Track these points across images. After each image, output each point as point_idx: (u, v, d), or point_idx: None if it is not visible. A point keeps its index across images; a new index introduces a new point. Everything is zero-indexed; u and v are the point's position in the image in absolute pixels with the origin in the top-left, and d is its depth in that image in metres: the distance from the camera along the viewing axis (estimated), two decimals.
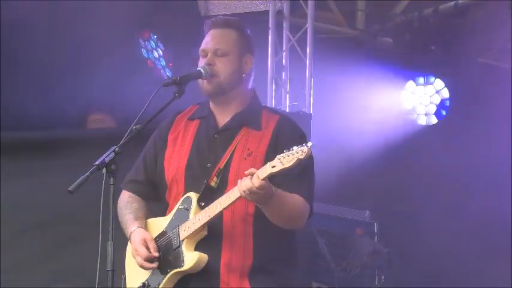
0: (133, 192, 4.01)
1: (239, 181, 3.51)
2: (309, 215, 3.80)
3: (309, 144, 3.41)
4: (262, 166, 3.52)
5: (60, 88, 7.56)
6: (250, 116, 3.88)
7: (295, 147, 3.41)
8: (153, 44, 8.59)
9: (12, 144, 6.48)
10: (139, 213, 3.94)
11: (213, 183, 3.73)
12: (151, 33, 8.53)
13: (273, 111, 4.08)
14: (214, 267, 3.70)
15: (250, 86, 3.98)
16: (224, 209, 3.61)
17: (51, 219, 6.40)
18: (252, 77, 3.99)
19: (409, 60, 9.06)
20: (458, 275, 8.42)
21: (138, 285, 3.82)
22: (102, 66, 7.56)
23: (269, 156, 3.66)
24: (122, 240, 3.74)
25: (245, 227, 3.73)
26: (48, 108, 7.49)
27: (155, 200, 3.99)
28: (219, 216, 3.68)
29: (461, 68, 8.90)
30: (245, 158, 3.72)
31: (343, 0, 8.75)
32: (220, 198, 3.62)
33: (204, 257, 3.69)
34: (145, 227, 3.89)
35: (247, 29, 4.01)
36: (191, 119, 3.99)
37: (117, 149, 3.50)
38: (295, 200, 3.70)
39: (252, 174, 3.47)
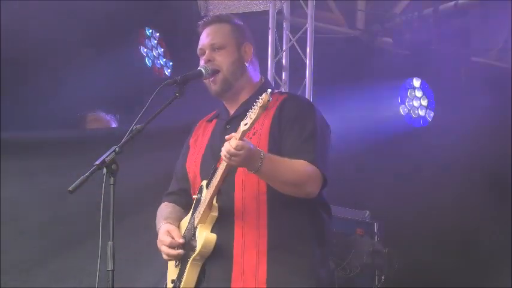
0: (169, 201, 4.06)
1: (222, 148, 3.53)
2: (324, 181, 3.74)
3: (269, 90, 3.45)
4: (268, 143, 3.62)
5: (60, 87, 7.55)
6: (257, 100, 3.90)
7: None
8: (155, 41, 8.53)
9: (12, 144, 6.47)
10: (171, 215, 3.98)
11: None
12: (153, 31, 8.48)
13: (284, 92, 4.11)
14: (227, 248, 3.71)
15: (258, 74, 3.99)
16: (220, 180, 3.63)
17: (51, 219, 6.39)
18: (257, 64, 4.00)
19: (408, 60, 9.06)
20: (458, 275, 8.42)
21: (170, 286, 3.85)
22: (102, 64, 7.56)
23: (273, 131, 3.72)
24: (122, 240, 3.74)
25: (258, 206, 3.72)
26: (49, 108, 7.48)
27: None
28: (230, 197, 3.72)
29: (461, 68, 8.90)
30: (250, 138, 3.72)
31: (343, 0, 8.75)
32: (216, 173, 3.66)
33: (212, 236, 3.69)
34: (179, 228, 3.92)
35: (239, 21, 4.03)
36: (210, 120, 4.06)
37: (117, 148, 3.52)
38: (295, 163, 3.66)
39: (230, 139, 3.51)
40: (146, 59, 8.46)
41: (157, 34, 8.54)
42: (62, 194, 3.57)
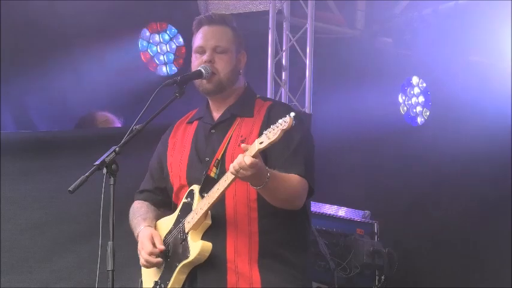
0: (143, 200, 4.05)
1: (232, 163, 3.54)
2: (310, 192, 3.80)
3: (292, 114, 3.43)
4: None
5: (61, 87, 7.54)
6: (243, 106, 3.94)
7: (279, 120, 3.42)
8: (167, 37, 8.35)
9: (12, 144, 6.47)
10: (148, 215, 3.98)
11: (212, 174, 3.76)
12: (169, 25, 8.31)
13: (266, 99, 4.13)
14: (221, 255, 3.72)
15: (243, 79, 4.02)
16: (222, 192, 3.63)
17: (51, 219, 6.38)
18: (243, 71, 4.04)
19: (408, 61, 9.06)
20: (458, 275, 8.42)
21: (151, 286, 3.83)
22: (105, 63, 7.55)
23: None
24: (122, 240, 3.75)
25: (249, 213, 3.75)
26: (49, 108, 7.48)
27: (168, 208, 4.01)
28: (222, 204, 3.71)
29: (461, 68, 8.90)
30: (239, 145, 3.75)
31: (343, 0, 8.74)
32: (217, 184, 3.66)
33: (208, 245, 3.70)
34: (156, 228, 3.91)
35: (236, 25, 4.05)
36: (190, 122, 4.05)
37: (117, 149, 3.52)
38: (291, 179, 3.71)
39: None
40: (140, 53, 8.24)
41: (175, 29, 8.30)
42: (61, 193, 3.57)
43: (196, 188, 3.80)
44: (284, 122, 3.41)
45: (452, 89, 8.93)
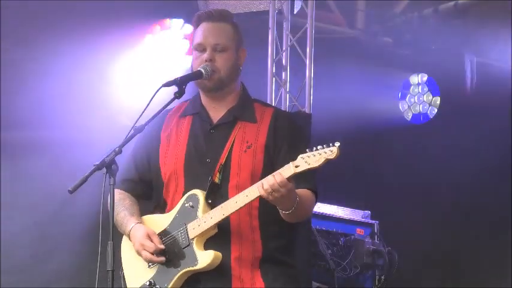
0: (125, 190, 3.98)
1: (261, 180, 3.52)
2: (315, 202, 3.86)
3: (337, 144, 3.42)
4: (263, 158, 3.54)
5: (61, 87, 7.54)
6: (244, 109, 3.90)
7: (319, 147, 3.42)
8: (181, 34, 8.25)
9: (12, 144, 6.48)
10: (134, 209, 3.92)
11: (216, 180, 3.72)
12: (185, 23, 8.24)
13: (264, 104, 4.10)
14: (225, 263, 3.70)
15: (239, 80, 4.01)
16: (240, 207, 3.61)
17: (51, 219, 6.40)
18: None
19: (408, 60, 9.06)
20: (459, 275, 8.42)
21: (142, 284, 3.79)
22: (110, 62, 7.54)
23: (269, 148, 3.73)
24: (121, 240, 3.74)
25: (251, 220, 3.74)
26: (50, 108, 7.48)
27: (146, 199, 3.98)
28: None
29: (461, 68, 8.90)
30: (245, 151, 3.74)
31: (343, 0, 8.74)
32: (236, 197, 3.63)
33: (219, 255, 3.68)
34: (144, 224, 3.87)
35: (236, 21, 4.03)
36: (183, 116, 3.97)
37: (117, 149, 3.51)
38: (308, 197, 3.74)
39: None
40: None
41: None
42: (62, 194, 3.57)
43: (200, 193, 3.74)
44: (331, 152, 3.39)
45: (454, 88, 8.94)
